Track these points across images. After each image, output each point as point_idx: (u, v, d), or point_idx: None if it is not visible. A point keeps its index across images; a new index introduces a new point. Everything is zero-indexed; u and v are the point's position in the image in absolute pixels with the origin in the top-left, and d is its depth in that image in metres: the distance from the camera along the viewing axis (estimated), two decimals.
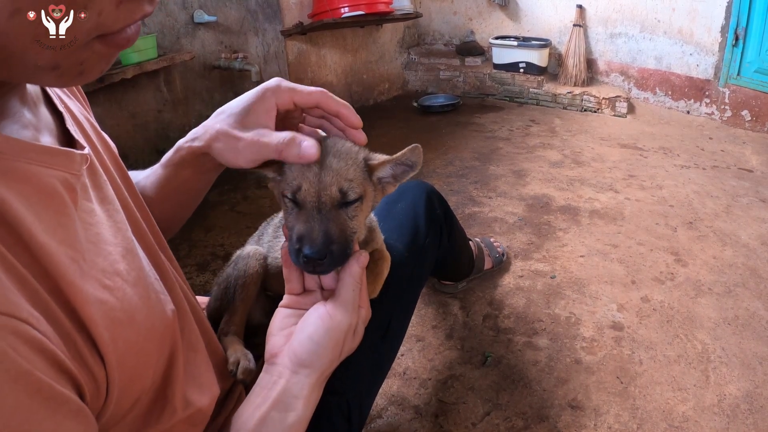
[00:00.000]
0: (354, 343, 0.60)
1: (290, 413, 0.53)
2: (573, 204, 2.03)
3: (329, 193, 0.55)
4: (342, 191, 0.55)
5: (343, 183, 0.55)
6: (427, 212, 0.99)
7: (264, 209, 2.02)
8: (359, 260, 0.59)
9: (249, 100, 0.56)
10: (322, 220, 0.54)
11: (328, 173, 0.55)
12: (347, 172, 0.56)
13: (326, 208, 0.55)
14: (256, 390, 0.55)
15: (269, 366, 0.57)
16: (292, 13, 2.76)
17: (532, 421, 1.11)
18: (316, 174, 0.54)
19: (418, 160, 0.59)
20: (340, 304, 0.57)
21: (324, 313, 0.56)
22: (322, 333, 0.55)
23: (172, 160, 0.64)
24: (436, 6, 3.76)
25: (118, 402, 0.41)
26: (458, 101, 3.30)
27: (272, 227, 0.81)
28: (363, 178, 0.57)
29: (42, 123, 0.43)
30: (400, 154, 0.58)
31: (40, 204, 0.37)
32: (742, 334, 1.33)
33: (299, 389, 0.55)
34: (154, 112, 2.22)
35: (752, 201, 2.02)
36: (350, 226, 0.57)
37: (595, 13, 3.24)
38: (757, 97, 2.72)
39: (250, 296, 0.74)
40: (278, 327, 0.59)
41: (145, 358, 0.44)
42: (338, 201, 0.55)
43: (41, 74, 0.36)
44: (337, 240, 0.55)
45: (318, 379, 0.56)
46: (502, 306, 1.46)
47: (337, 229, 0.55)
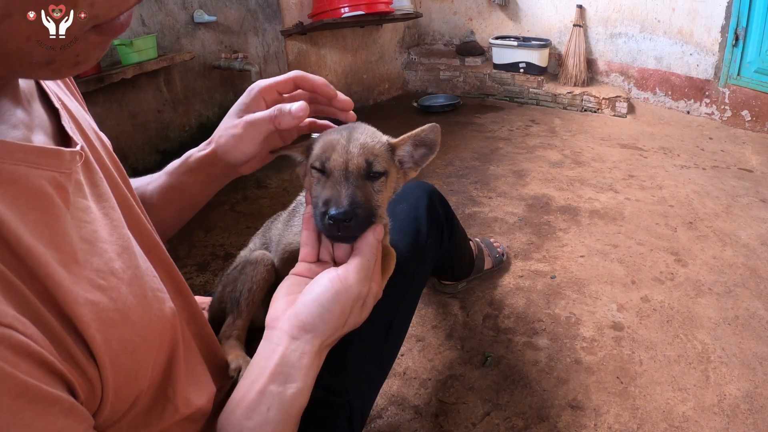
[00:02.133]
0: (360, 317, 0.58)
1: (289, 385, 0.51)
2: (573, 204, 2.03)
3: (356, 163, 0.58)
4: (368, 162, 0.58)
5: (369, 155, 0.59)
6: (428, 213, 0.99)
7: (264, 209, 2.02)
8: (375, 231, 0.59)
9: (239, 101, 0.64)
10: (349, 186, 0.57)
11: (356, 145, 0.59)
12: (373, 147, 0.60)
13: (353, 176, 0.58)
14: (254, 360, 0.54)
15: (268, 331, 0.55)
16: (292, 13, 2.76)
17: (532, 421, 1.11)
18: (344, 146, 0.59)
19: (437, 139, 0.62)
20: (354, 269, 0.56)
21: (335, 276, 0.55)
22: (331, 296, 0.54)
23: (179, 168, 0.67)
24: (436, 6, 3.76)
25: (115, 401, 0.40)
26: (458, 101, 3.30)
27: (282, 220, 0.80)
28: (387, 157, 0.61)
29: (35, 121, 0.43)
30: (419, 130, 0.62)
31: (26, 206, 0.36)
32: (742, 334, 1.33)
33: (298, 357, 0.53)
34: (154, 112, 2.22)
35: (752, 201, 2.02)
36: (375, 198, 0.60)
37: (595, 13, 3.24)
38: (757, 97, 2.72)
39: (256, 302, 0.73)
40: (284, 293, 0.58)
41: (142, 357, 0.43)
42: (364, 171, 0.58)
43: (36, 70, 0.36)
44: (363, 205, 0.57)
45: (319, 348, 0.54)
46: (502, 306, 1.46)
47: (363, 195, 0.58)
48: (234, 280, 0.74)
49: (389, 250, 0.72)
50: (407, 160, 0.64)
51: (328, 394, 0.66)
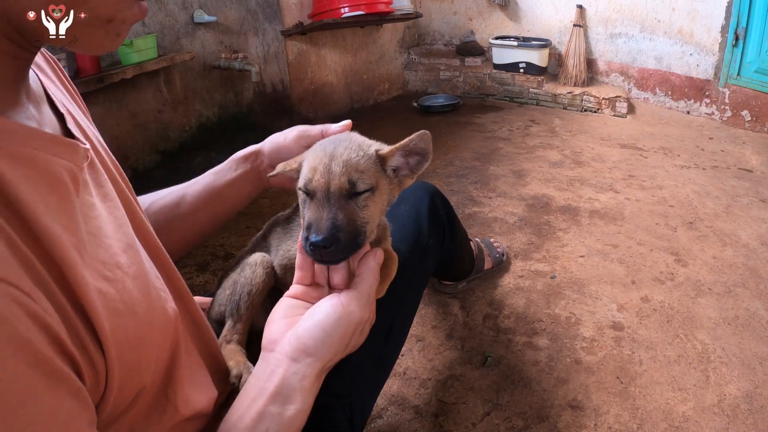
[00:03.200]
0: (359, 340, 0.59)
1: (289, 406, 0.51)
2: (573, 204, 2.03)
3: (338, 183, 0.56)
4: (351, 182, 0.57)
5: (352, 174, 0.57)
6: (430, 214, 0.99)
7: (264, 209, 2.02)
8: (376, 257, 0.60)
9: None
10: (331, 208, 0.56)
11: (338, 164, 0.57)
12: (357, 164, 0.58)
13: (335, 197, 0.56)
14: (252, 381, 0.54)
15: (266, 354, 0.55)
16: (292, 13, 2.76)
17: (532, 421, 1.10)
18: (326, 165, 0.57)
19: (427, 147, 0.61)
20: (356, 296, 0.56)
21: (337, 303, 0.56)
22: (333, 321, 0.54)
23: (225, 165, 0.76)
24: (436, 6, 3.76)
25: (117, 396, 0.40)
26: (458, 101, 3.30)
27: (281, 225, 0.80)
28: (375, 170, 0.59)
29: (45, 120, 0.44)
30: (407, 140, 0.60)
31: (45, 189, 0.37)
32: (742, 334, 1.33)
33: (299, 380, 0.53)
34: (154, 112, 2.22)
35: (752, 201, 2.02)
36: (360, 216, 0.58)
37: (595, 13, 3.24)
38: (757, 97, 2.71)
39: (256, 305, 0.73)
40: (281, 315, 0.58)
41: (145, 352, 0.43)
42: (347, 191, 0.57)
43: (96, 28, 0.40)
44: (344, 228, 0.56)
45: (320, 371, 0.54)
46: (502, 306, 1.46)
47: (345, 218, 0.56)
48: (234, 283, 0.73)
49: (391, 254, 0.71)
50: (402, 167, 0.63)
51: (328, 397, 0.66)
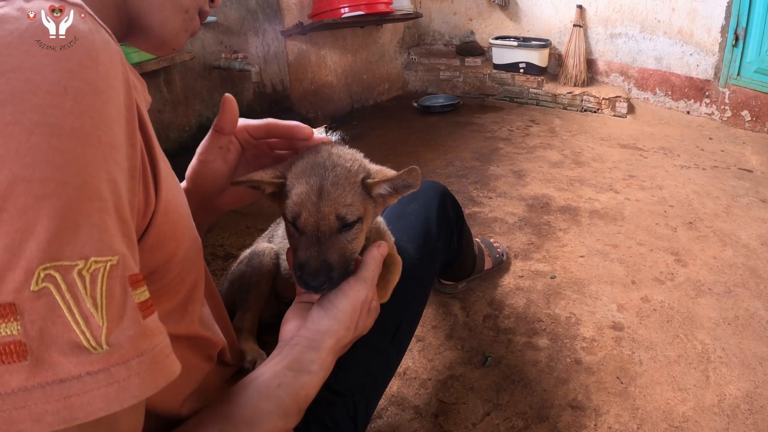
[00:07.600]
0: (369, 320, 0.61)
1: (304, 374, 0.54)
2: (573, 204, 2.03)
3: (328, 222, 0.56)
4: (340, 217, 0.56)
5: (340, 209, 0.56)
6: (439, 214, 0.98)
7: (264, 209, 2.02)
8: (380, 248, 0.62)
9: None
10: (321, 249, 0.56)
11: (326, 203, 0.56)
12: (345, 198, 0.56)
13: (325, 235, 0.56)
14: (273, 353, 0.57)
15: (283, 343, 0.58)
16: (292, 13, 2.76)
17: (532, 421, 1.10)
18: (314, 204, 0.55)
19: (416, 182, 0.59)
20: (360, 278, 0.59)
21: (344, 284, 0.59)
22: (341, 296, 0.57)
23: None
24: (436, 6, 3.76)
25: (155, 242, 0.41)
26: (458, 101, 3.30)
27: (282, 228, 0.82)
28: (362, 198, 0.58)
29: None
30: (397, 176, 0.58)
31: (142, 102, 0.44)
32: (742, 334, 1.33)
33: (315, 351, 0.55)
34: (154, 112, 2.22)
35: (752, 201, 2.02)
36: (350, 249, 0.59)
37: (595, 13, 3.24)
38: (757, 97, 2.72)
39: (264, 293, 0.75)
40: (294, 315, 0.61)
41: (180, 235, 0.46)
42: (337, 228, 0.57)
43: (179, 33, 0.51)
44: (337, 267, 0.57)
45: (334, 346, 0.57)
46: (502, 306, 1.46)
47: (337, 256, 0.57)
48: (241, 275, 0.75)
49: (395, 259, 0.71)
50: (386, 193, 0.62)
51: (332, 395, 0.66)
